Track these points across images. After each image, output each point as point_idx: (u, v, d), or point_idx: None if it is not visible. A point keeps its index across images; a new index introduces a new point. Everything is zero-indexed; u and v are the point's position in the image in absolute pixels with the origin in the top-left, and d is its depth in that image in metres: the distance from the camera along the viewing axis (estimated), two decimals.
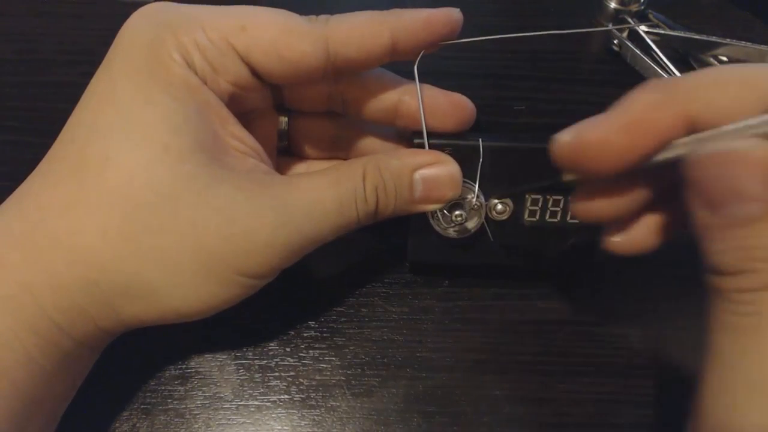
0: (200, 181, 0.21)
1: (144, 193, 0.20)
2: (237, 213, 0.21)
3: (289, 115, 0.27)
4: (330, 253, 0.30)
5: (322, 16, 0.23)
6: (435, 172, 0.24)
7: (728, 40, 0.36)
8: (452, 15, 0.23)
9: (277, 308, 0.28)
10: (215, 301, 0.22)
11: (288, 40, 0.22)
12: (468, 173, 0.25)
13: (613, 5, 0.40)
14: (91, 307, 0.21)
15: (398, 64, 0.24)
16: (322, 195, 0.22)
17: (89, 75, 0.22)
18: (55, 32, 0.37)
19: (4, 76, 0.35)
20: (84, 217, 0.20)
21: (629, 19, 0.38)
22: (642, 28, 0.37)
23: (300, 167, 0.28)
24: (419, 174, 0.24)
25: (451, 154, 0.24)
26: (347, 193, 0.23)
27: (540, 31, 0.36)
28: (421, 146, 0.25)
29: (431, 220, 0.26)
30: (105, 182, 0.20)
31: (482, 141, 0.25)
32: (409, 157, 0.24)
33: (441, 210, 0.25)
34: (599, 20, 0.40)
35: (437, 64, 0.37)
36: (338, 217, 0.23)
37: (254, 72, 0.23)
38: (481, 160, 0.25)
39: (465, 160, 0.25)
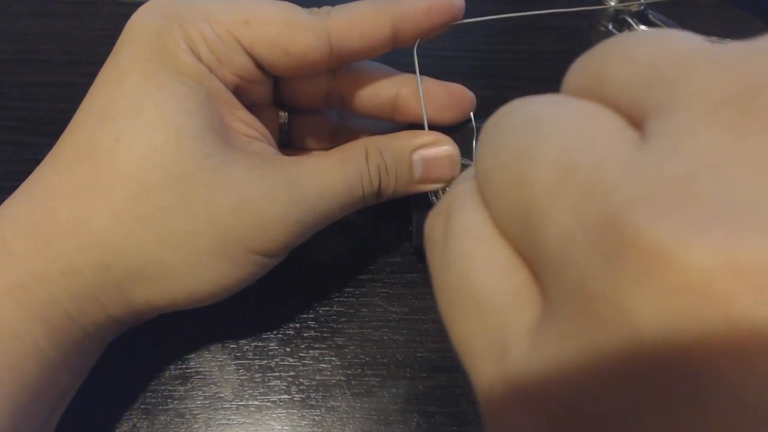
0: (213, 161, 0.21)
1: (157, 174, 0.20)
2: (250, 191, 0.21)
3: (288, 111, 0.27)
4: (330, 253, 0.30)
5: (324, 8, 0.23)
6: (434, 152, 0.24)
7: (728, 40, 0.36)
8: (454, 2, 0.23)
9: (278, 308, 0.28)
10: (228, 281, 0.22)
11: (291, 35, 0.22)
12: (469, 155, 0.25)
13: (612, 5, 0.40)
14: (102, 294, 0.21)
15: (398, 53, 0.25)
16: (331, 174, 0.23)
17: (89, 75, 0.22)
18: (55, 32, 0.37)
19: (4, 76, 0.35)
20: (96, 200, 0.20)
21: (629, 19, 0.38)
22: (642, 29, 0.37)
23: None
24: (418, 154, 0.24)
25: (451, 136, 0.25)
26: (354, 173, 0.23)
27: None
28: (420, 128, 0.25)
29: (434, 203, 0.26)
30: (116, 165, 0.20)
31: (475, 119, 0.25)
32: (409, 137, 0.25)
33: (443, 191, 0.25)
34: (599, 20, 0.40)
35: (437, 65, 0.37)
36: (347, 195, 0.23)
37: (258, 64, 0.23)
38: (475, 137, 0.25)
39: (465, 142, 0.25)
